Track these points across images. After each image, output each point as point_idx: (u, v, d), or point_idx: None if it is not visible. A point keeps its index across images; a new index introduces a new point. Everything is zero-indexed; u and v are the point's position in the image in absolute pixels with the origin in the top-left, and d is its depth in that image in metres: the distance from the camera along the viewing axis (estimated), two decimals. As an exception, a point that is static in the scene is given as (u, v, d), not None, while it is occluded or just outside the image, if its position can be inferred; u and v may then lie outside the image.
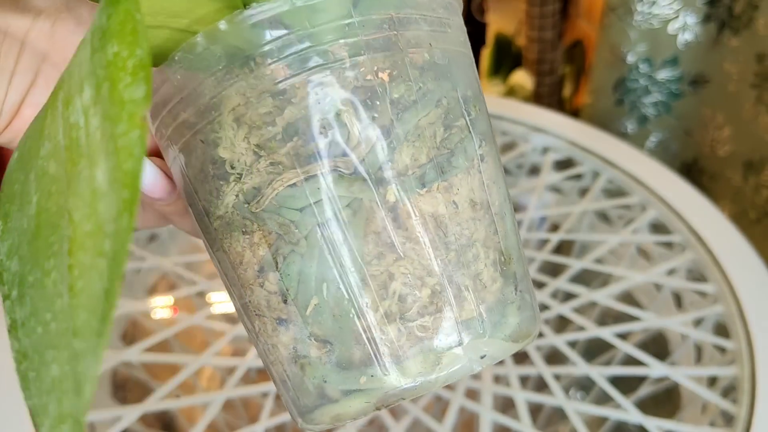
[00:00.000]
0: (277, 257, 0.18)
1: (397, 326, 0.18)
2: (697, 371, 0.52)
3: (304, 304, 0.18)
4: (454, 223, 0.19)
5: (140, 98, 0.13)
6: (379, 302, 0.18)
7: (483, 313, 0.19)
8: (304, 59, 0.18)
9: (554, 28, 1.07)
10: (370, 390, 0.18)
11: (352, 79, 0.18)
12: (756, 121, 0.71)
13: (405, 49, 0.19)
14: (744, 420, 0.46)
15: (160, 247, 0.65)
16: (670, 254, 0.62)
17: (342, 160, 0.18)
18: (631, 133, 0.88)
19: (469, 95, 0.20)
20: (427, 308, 0.18)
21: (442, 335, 0.18)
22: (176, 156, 0.20)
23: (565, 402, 0.48)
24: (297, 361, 0.19)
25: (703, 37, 0.78)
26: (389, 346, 0.18)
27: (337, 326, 0.18)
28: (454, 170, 0.19)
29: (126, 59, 0.13)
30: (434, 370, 0.18)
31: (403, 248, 0.18)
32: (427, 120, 0.19)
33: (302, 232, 0.18)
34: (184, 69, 0.19)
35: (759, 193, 0.72)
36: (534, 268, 0.59)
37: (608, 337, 0.53)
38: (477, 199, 0.19)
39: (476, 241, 0.19)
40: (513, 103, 0.78)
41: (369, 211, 0.18)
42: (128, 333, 0.62)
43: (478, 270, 0.19)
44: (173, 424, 0.61)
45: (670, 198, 0.63)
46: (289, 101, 0.18)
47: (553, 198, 0.72)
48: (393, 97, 0.18)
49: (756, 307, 0.53)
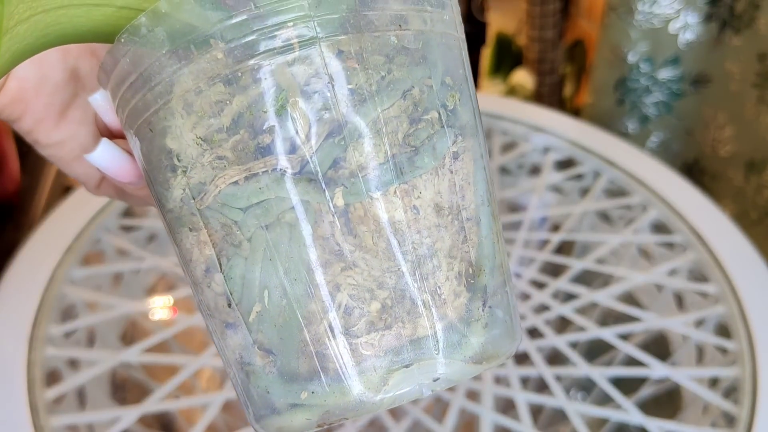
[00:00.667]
0: (221, 258, 0.17)
1: (341, 341, 0.17)
2: (699, 372, 0.51)
3: (247, 310, 0.17)
4: (414, 230, 0.17)
5: None
6: (323, 314, 0.16)
7: (439, 332, 0.17)
8: (253, 43, 0.16)
9: (555, 27, 1.07)
10: (310, 406, 0.17)
11: (304, 67, 0.16)
12: (758, 121, 0.71)
13: (366, 32, 0.16)
14: (745, 421, 0.46)
15: (159, 248, 0.65)
16: (671, 254, 0.61)
17: (288, 157, 0.16)
18: (632, 132, 0.88)
19: (448, 83, 0.18)
20: (375, 324, 0.17)
21: (390, 354, 0.17)
22: (134, 141, 0.19)
23: (566, 403, 0.48)
24: (243, 367, 0.18)
25: (705, 37, 0.78)
26: (332, 362, 0.17)
27: (279, 336, 0.17)
28: (418, 171, 0.17)
29: None
30: (379, 391, 0.17)
31: (353, 257, 0.16)
32: (389, 113, 0.16)
33: (245, 233, 0.17)
34: (131, 52, 0.17)
35: (761, 193, 0.72)
36: (534, 269, 0.59)
37: (609, 337, 0.53)
38: (444, 203, 0.17)
39: (438, 251, 0.17)
40: (514, 103, 0.78)
41: (316, 215, 0.16)
42: (127, 333, 0.61)
43: (438, 284, 0.17)
44: (172, 425, 0.61)
45: (671, 198, 0.63)
46: (237, 89, 0.16)
47: (553, 198, 0.72)
48: (348, 87, 0.16)
49: (758, 308, 0.53)
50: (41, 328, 0.50)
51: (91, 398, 0.53)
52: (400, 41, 0.17)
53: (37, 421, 0.45)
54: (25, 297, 0.52)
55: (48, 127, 0.22)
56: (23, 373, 0.47)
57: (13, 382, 0.46)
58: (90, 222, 0.58)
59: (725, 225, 0.60)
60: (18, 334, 0.49)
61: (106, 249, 0.59)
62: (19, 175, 0.73)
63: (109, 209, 0.60)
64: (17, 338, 0.49)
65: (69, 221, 0.58)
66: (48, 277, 0.54)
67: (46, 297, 0.52)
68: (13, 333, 0.49)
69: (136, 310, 0.55)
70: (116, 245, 0.59)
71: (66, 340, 0.53)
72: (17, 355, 0.48)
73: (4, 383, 0.46)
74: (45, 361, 0.49)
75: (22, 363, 0.47)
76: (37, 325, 0.50)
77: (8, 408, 0.45)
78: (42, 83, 0.21)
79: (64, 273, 0.54)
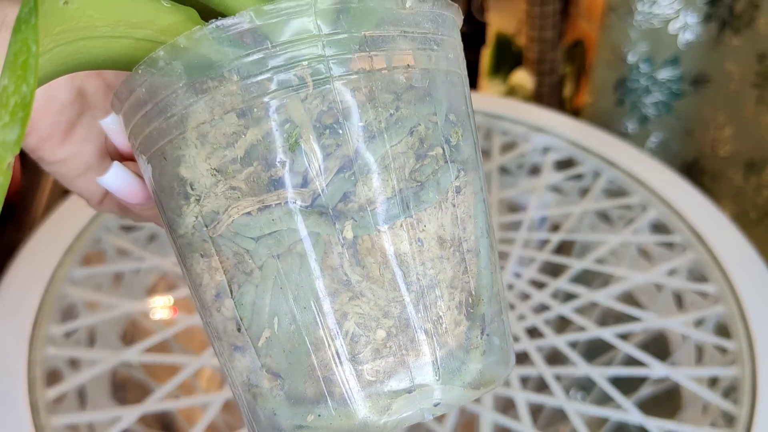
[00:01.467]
0: (232, 285, 0.18)
1: (348, 367, 0.17)
2: (698, 372, 0.51)
3: (256, 335, 0.18)
4: (418, 262, 0.17)
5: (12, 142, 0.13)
6: (330, 341, 0.17)
7: (440, 360, 0.18)
8: (268, 79, 0.17)
9: (555, 27, 1.07)
10: (316, 428, 0.18)
11: (317, 103, 0.17)
12: (757, 121, 0.71)
13: (377, 71, 0.17)
14: (745, 421, 0.46)
15: (160, 248, 0.65)
16: (670, 254, 0.61)
17: (300, 191, 0.17)
18: (631, 132, 0.88)
19: (452, 120, 0.19)
20: (380, 351, 0.17)
21: (393, 380, 0.17)
22: (145, 167, 0.20)
23: (566, 402, 0.48)
24: (250, 389, 0.18)
25: (704, 37, 0.78)
26: (339, 387, 0.17)
27: (287, 361, 0.17)
28: (423, 205, 0.17)
29: (10, 95, 0.13)
30: (383, 415, 0.17)
31: (360, 287, 0.17)
32: (397, 149, 0.17)
33: (256, 262, 0.17)
34: (148, 83, 0.18)
35: (760, 193, 0.72)
36: (534, 269, 0.59)
37: (609, 337, 0.53)
38: (447, 235, 0.18)
39: (441, 282, 0.18)
40: (513, 103, 0.78)
41: (326, 246, 0.17)
42: (127, 333, 0.62)
43: (440, 313, 0.18)
44: (173, 425, 0.61)
45: (670, 198, 0.63)
46: (251, 123, 0.17)
47: (553, 198, 0.72)
48: (359, 124, 0.17)
49: (757, 308, 0.53)
50: (42, 328, 0.50)
51: (92, 398, 0.53)
52: (408, 80, 0.17)
53: (38, 420, 0.45)
54: (25, 297, 0.52)
55: (53, 145, 0.22)
56: (24, 372, 0.47)
57: (13, 381, 0.46)
58: (90, 222, 0.59)
59: (725, 225, 0.60)
60: (19, 334, 0.49)
61: (106, 249, 0.59)
62: (19, 176, 0.73)
63: (110, 209, 0.60)
64: (18, 338, 0.49)
65: (69, 221, 0.58)
66: (49, 276, 0.54)
67: (46, 297, 0.52)
68: (13, 332, 0.50)
69: (137, 309, 0.55)
70: (117, 245, 0.59)
71: (66, 339, 0.53)
72: (18, 354, 0.48)
73: (5, 383, 0.46)
74: (45, 360, 0.49)
75: (23, 363, 0.48)
76: (37, 324, 0.50)
77: (9, 407, 0.45)
78: (49, 103, 0.22)
79: (65, 273, 0.54)
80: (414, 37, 0.18)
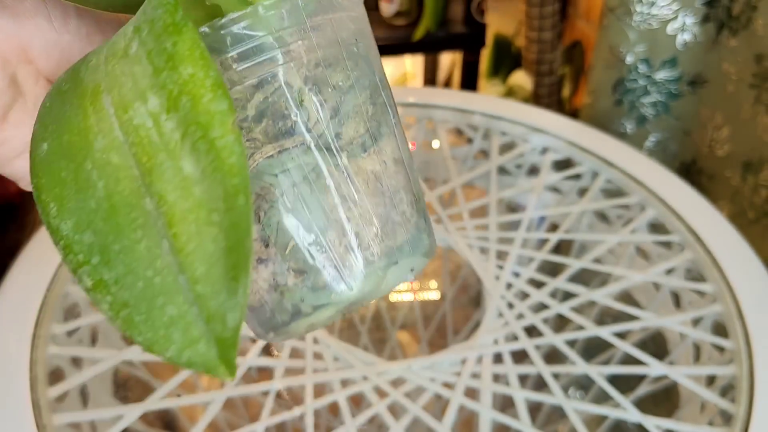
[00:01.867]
0: (259, 212, 0.23)
1: (354, 255, 0.24)
2: (696, 370, 0.52)
3: (283, 247, 0.23)
4: (386, 176, 0.25)
5: (226, 109, 0.17)
6: (340, 239, 0.24)
7: (409, 239, 0.25)
8: (267, 59, 0.23)
9: (553, 28, 1.07)
10: (335, 303, 0.24)
11: (305, 71, 0.23)
12: (755, 122, 0.72)
13: (341, 44, 0.24)
14: (742, 419, 0.46)
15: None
16: (668, 254, 0.62)
17: (310, 134, 0.23)
18: (630, 133, 0.88)
19: (382, 77, 0.26)
20: (374, 240, 0.24)
21: (384, 258, 0.24)
22: None
23: (565, 401, 0.48)
24: (276, 289, 0.24)
25: (702, 38, 0.78)
26: (350, 270, 0.24)
27: (311, 260, 0.24)
28: (382, 137, 0.25)
29: (203, 79, 0.17)
30: (381, 283, 0.25)
31: (356, 197, 0.24)
32: (360, 99, 0.24)
33: (279, 192, 0.23)
34: None
35: (758, 193, 0.72)
36: (533, 268, 0.59)
37: (607, 336, 0.53)
38: (397, 157, 0.25)
39: (400, 188, 0.25)
40: (512, 104, 0.78)
41: (329, 173, 0.23)
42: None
43: (403, 209, 0.25)
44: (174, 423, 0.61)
45: (668, 198, 0.63)
46: (255, 91, 0.23)
47: (552, 198, 0.72)
48: (335, 83, 0.24)
49: (754, 307, 0.53)
50: (44, 327, 0.51)
51: (94, 396, 0.53)
52: (358, 50, 0.25)
53: (40, 419, 0.45)
54: (28, 296, 0.52)
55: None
56: (26, 371, 0.47)
57: (16, 380, 0.47)
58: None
59: (722, 225, 0.60)
60: (21, 333, 0.50)
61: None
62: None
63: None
64: (20, 337, 0.49)
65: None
66: (51, 276, 0.54)
67: (49, 296, 0.53)
68: (16, 331, 0.50)
69: (138, 309, 0.55)
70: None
71: (69, 338, 0.54)
72: (20, 353, 0.48)
73: (7, 381, 0.47)
74: (48, 359, 0.49)
75: (25, 361, 0.48)
76: (40, 323, 0.51)
77: (11, 406, 0.45)
78: None
79: (67, 272, 0.55)
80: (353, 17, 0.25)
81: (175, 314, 0.18)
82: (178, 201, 0.18)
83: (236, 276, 0.17)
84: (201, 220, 0.17)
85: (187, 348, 0.18)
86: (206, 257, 0.17)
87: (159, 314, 0.18)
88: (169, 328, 0.18)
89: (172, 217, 0.18)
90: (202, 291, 0.17)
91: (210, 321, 0.17)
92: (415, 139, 0.77)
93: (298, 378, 0.49)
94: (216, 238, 0.17)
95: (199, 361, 0.17)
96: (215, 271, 0.17)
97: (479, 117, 0.75)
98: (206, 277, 0.17)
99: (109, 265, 0.19)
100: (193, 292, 0.17)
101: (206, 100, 0.17)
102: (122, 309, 0.18)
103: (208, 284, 0.17)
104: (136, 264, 0.18)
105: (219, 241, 0.17)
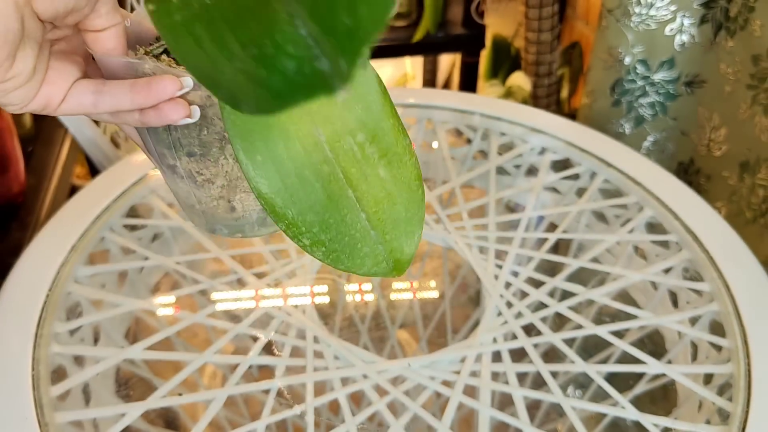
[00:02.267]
0: None
1: None
2: (693, 369, 0.52)
3: None
4: None
5: (408, 143, 0.31)
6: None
7: None
8: None
9: (552, 30, 1.08)
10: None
11: None
12: (752, 122, 0.72)
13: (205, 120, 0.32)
14: (739, 417, 0.46)
15: (163, 247, 0.65)
16: (666, 253, 0.62)
17: None
18: (628, 133, 0.88)
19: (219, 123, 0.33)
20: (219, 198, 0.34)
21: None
22: None
23: (563, 399, 0.49)
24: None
25: (700, 39, 0.79)
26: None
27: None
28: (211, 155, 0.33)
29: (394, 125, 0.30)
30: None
31: None
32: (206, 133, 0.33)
33: None
34: None
35: (755, 193, 0.73)
36: (532, 267, 0.59)
37: (605, 335, 0.53)
38: None
39: None
40: (511, 105, 0.78)
41: None
42: (131, 331, 0.62)
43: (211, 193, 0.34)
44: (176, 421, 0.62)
45: (666, 198, 0.64)
46: None
47: (550, 198, 0.73)
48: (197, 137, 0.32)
49: (751, 306, 0.53)
50: (47, 326, 0.51)
51: (96, 395, 0.54)
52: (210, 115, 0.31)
53: (42, 417, 0.45)
54: (30, 295, 0.53)
55: (5, 69, 0.26)
56: (29, 370, 0.48)
57: (18, 378, 0.47)
58: (95, 221, 0.59)
59: (719, 224, 0.61)
60: (24, 332, 0.50)
61: (110, 248, 0.60)
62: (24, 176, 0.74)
63: (114, 209, 0.61)
64: (23, 336, 0.50)
65: (74, 220, 0.59)
66: (53, 275, 0.54)
67: (51, 295, 0.53)
68: (19, 331, 0.50)
69: (140, 307, 0.56)
70: (121, 244, 0.60)
71: (71, 337, 0.54)
72: (23, 352, 0.49)
73: (10, 380, 0.47)
74: (50, 358, 0.49)
75: (28, 360, 0.48)
76: (42, 322, 0.51)
77: (14, 404, 0.45)
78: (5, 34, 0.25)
79: (70, 271, 0.55)
80: None
81: (368, 251, 0.30)
82: (375, 191, 0.30)
83: (412, 232, 0.31)
84: (390, 202, 0.30)
85: (374, 266, 0.31)
86: (393, 222, 0.31)
87: (358, 252, 0.30)
88: (364, 259, 0.31)
89: (369, 201, 0.30)
90: (389, 238, 0.31)
91: (391, 253, 0.31)
92: (415, 140, 0.78)
93: (298, 376, 0.50)
94: (399, 211, 0.31)
95: (381, 273, 0.31)
96: (399, 228, 0.31)
97: (478, 118, 0.75)
98: (393, 231, 0.31)
99: (325, 231, 0.30)
100: (383, 240, 0.31)
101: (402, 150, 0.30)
102: (332, 253, 0.30)
103: (395, 236, 0.31)
104: (344, 228, 0.30)
105: (401, 213, 0.31)
